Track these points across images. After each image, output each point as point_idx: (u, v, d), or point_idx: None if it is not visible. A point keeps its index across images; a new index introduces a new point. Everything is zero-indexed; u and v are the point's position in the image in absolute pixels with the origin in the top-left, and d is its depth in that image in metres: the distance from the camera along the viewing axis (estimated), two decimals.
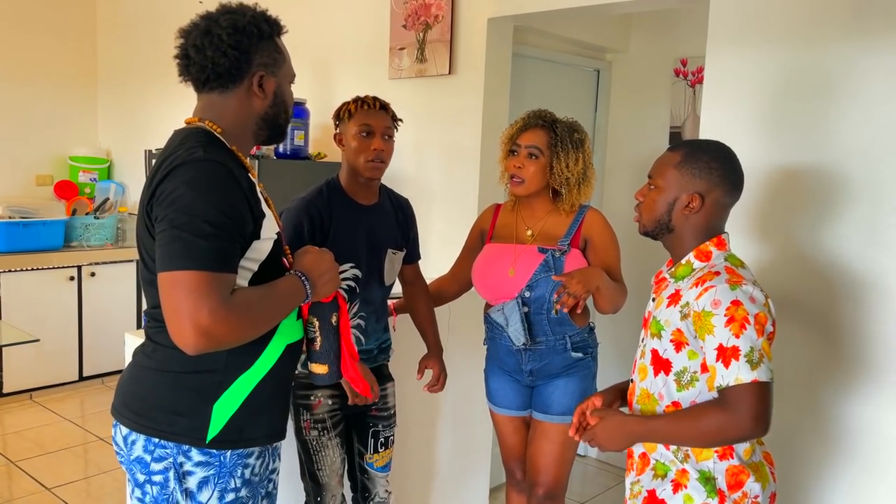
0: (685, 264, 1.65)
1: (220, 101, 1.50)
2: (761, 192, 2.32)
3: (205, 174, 1.36)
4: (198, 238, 1.30)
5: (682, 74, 3.82)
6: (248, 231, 1.40)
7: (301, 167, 3.54)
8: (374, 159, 2.04)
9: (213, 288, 1.29)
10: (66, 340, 4.57)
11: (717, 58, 2.40)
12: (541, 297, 2.15)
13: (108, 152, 5.32)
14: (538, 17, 3.03)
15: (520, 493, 2.39)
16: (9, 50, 4.90)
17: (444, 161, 3.28)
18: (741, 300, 1.49)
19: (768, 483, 1.60)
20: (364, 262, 2.10)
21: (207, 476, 1.45)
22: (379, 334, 2.21)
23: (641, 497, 1.65)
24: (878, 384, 2.12)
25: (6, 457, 3.65)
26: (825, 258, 2.21)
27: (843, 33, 2.15)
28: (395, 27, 3.38)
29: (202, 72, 1.47)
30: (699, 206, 1.61)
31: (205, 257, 1.30)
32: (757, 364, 1.46)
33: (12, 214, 4.47)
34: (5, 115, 4.92)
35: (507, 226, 2.28)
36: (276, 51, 1.52)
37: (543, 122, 2.18)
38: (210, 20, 1.48)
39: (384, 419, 2.23)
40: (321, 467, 2.11)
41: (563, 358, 2.20)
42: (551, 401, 2.21)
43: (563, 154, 2.14)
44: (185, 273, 1.29)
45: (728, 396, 1.47)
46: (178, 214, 1.32)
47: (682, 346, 1.58)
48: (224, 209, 1.34)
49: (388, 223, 2.18)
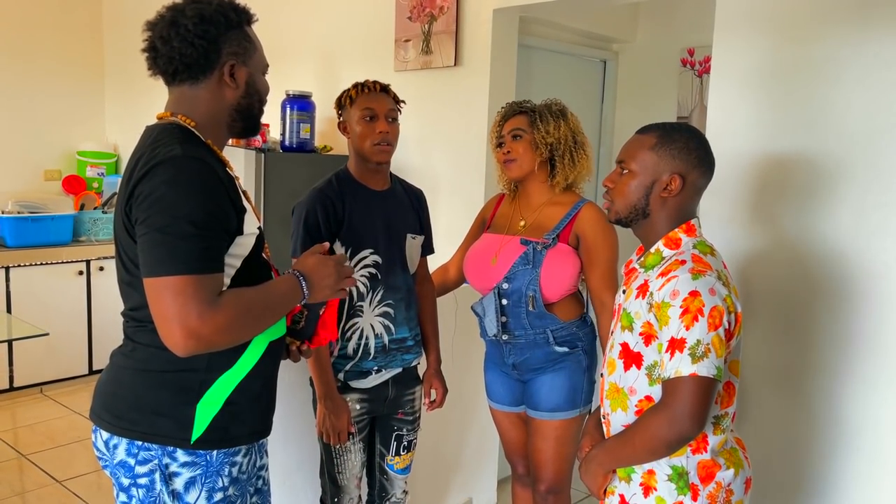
0: (654, 253, 1.60)
1: (191, 93, 1.47)
2: (771, 181, 2.31)
3: (185, 172, 1.33)
4: (182, 240, 1.29)
5: (690, 64, 3.80)
6: (232, 227, 1.39)
7: (307, 160, 3.54)
8: (381, 142, 2.00)
9: (199, 290, 1.28)
10: (76, 334, 4.60)
11: (725, 47, 2.39)
12: (518, 290, 2.11)
13: (116, 147, 5.34)
14: (544, 8, 3.01)
15: (523, 486, 2.39)
16: (16, 46, 4.91)
17: (449, 153, 3.27)
18: (700, 291, 1.45)
19: (742, 468, 1.57)
20: (383, 248, 2.05)
21: (194, 476, 1.43)
22: (411, 323, 2.13)
23: (614, 499, 1.62)
24: (878, 372, 2.12)
25: (17, 450, 3.68)
26: (839, 246, 2.20)
27: (851, 21, 2.14)
28: (401, 19, 3.38)
29: (170, 63, 1.44)
30: (679, 188, 1.56)
31: (189, 260, 1.29)
32: (700, 358, 1.42)
33: (21, 209, 4.48)
34: (14, 111, 4.94)
35: (505, 216, 2.27)
36: (245, 40, 1.48)
37: (521, 108, 2.20)
38: (176, 11, 1.44)
39: (409, 423, 2.19)
40: (342, 470, 2.08)
41: (546, 352, 2.14)
42: (539, 397, 2.16)
43: (541, 124, 2.13)
44: (171, 278, 1.28)
45: (665, 389, 1.45)
46: (160, 216, 1.30)
47: (652, 340, 1.53)
48: (208, 207, 1.32)
49: (404, 208, 2.14)
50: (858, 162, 2.14)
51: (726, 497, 1.53)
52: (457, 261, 2.43)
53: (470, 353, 2.75)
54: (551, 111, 2.16)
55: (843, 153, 2.17)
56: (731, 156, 2.37)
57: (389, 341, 2.06)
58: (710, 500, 1.52)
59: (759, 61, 2.32)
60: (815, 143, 2.22)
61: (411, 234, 2.13)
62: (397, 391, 2.12)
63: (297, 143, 3.55)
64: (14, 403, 4.32)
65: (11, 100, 4.92)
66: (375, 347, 2.04)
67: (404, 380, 2.14)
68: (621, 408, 1.61)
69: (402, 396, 2.14)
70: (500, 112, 2.25)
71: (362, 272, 2.02)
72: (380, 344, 2.05)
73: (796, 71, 2.25)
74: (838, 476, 2.22)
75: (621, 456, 1.58)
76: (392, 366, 2.08)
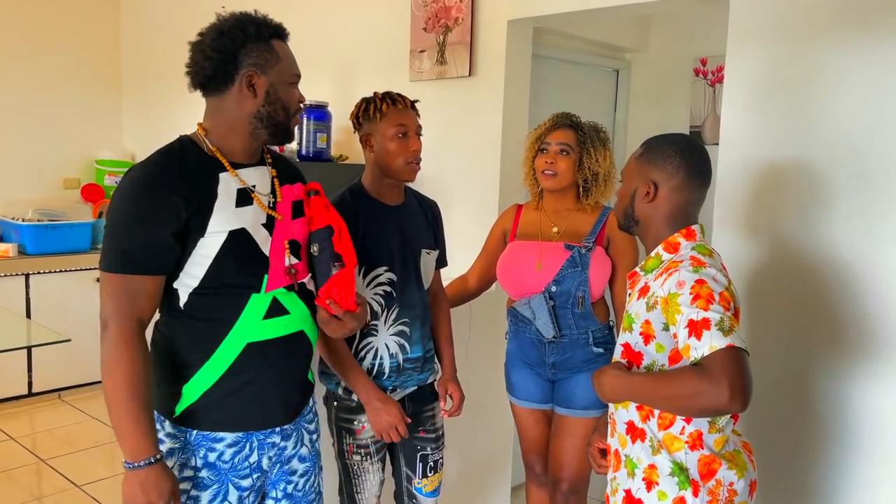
0: (654, 257, 1.66)
1: (217, 104, 1.58)
2: (785, 189, 2.32)
3: (130, 178, 1.50)
4: (110, 238, 1.49)
5: (702, 74, 3.82)
6: (168, 232, 1.47)
7: (323, 169, 3.58)
8: (414, 160, 1.96)
9: (115, 290, 1.48)
10: (94, 340, 4.57)
11: (737, 57, 2.41)
12: (567, 292, 2.20)
13: (133, 155, 5.40)
14: (557, 19, 3.04)
15: (539, 487, 2.42)
16: (36, 57, 4.99)
17: (464, 162, 3.30)
18: (705, 279, 1.50)
19: (746, 471, 1.59)
20: (398, 264, 2.00)
21: (173, 448, 1.57)
22: (425, 341, 2.09)
23: (620, 495, 1.66)
24: (884, 376, 2.13)
25: (36, 455, 3.73)
26: (850, 254, 2.21)
27: (864, 31, 2.15)
28: (416, 30, 3.42)
29: (195, 78, 1.57)
30: (654, 195, 1.64)
31: (107, 258, 1.48)
32: (729, 331, 1.42)
33: (41, 217, 4.55)
34: (33, 120, 5.02)
35: (532, 223, 2.33)
36: (267, 51, 1.56)
37: (570, 122, 2.28)
38: (204, 32, 1.57)
39: (432, 441, 2.13)
40: (360, 490, 2.05)
41: (585, 352, 2.23)
42: (574, 395, 2.24)
43: (592, 150, 2.23)
44: (102, 273, 1.50)
45: (704, 365, 1.42)
46: (107, 215, 1.52)
47: (650, 339, 1.59)
48: (131, 211, 1.47)
49: (418, 222, 2.09)
50: (872, 170, 2.15)
51: (729, 496, 1.55)
52: (476, 272, 2.47)
53: (482, 361, 2.77)
54: (599, 138, 2.27)
55: (856, 162, 2.18)
56: (745, 164, 2.39)
57: (404, 360, 2.03)
58: (712, 497, 1.54)
59: (772, 71, 2.34)
60: (828, 151, 2.23)
61: (426, 250, 2.09)
62: (414, 408, 2.07)
63: (314, 153, 3.59)
64: (33, 409, 4.38)
65: (31, 110, 5.00)
66: (390, 367, 2.00)
67: (421, 396, 2.10)
68: (623, 406, 1.66)
69: (422, 413, 2.10)
70: (547, 120, 2.31)
71: (377, 290, 1.97)
72: (394, 363, 2.01)
73: (809, 80, 2.26)
74: (844, 480, 2.23)
75: (638, 392, 1.56)
76: (407, 385, 2.05)
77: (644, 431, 1.61)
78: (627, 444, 1.65)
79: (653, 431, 1.59)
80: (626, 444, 1.65)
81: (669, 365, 1.56)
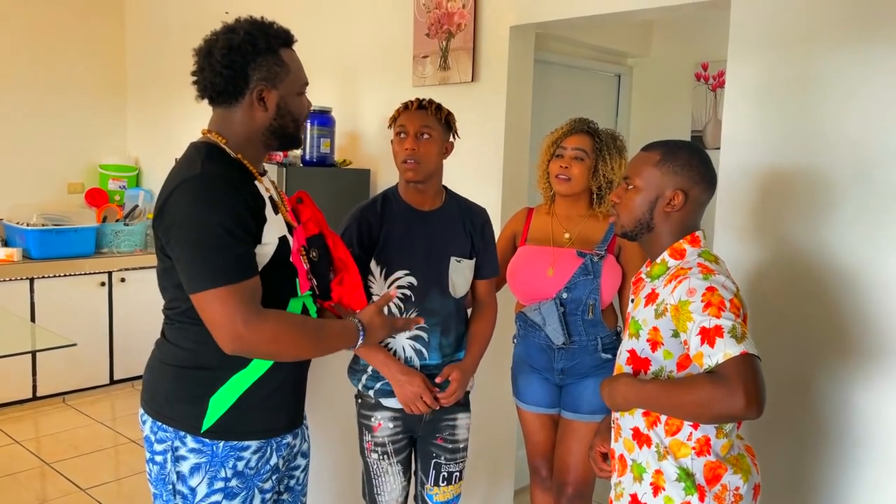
0: (660, 263, 1.66)
1: (226, 115, 1.57)
2: (787, 194, 2.34)
3: (204, 188, 1.44)
4: (214, 253, 1.40)
5: (704, 78, 3.83)
6: (255, 234, 1.47)
7: (327, 174, 3.60)
8: (406, 160, 1.96)
9: (239, 299, 1.40)
10: (98, 344, 4.67)
11: (739, 62, 2.42)
12: (578, 299, 2.21)
13: (137, 160, 5.43)
14: (560, 25, 3.06)
15: (545, 490, 2.43)
16: (40, 61, 5.02)
17: (467, 168, 3.31)
18: (715, 287, 1.50)
19: (750, 475, 1.60)
20: (421, 270, 2.00)
21: (199, 463, 1.54)
22: (446, 350, 2.05)
23: (625, 500, 1.66)
24: (884, 372, 2.14)
25: (41, 458, 3.74)
26: (853, 260, 2.22)
27: (864, 37, 2.17)
28: (419, 36, 3.44)
29: (205, 91, 1.55)
30: (682, 203, 1.62)
31: (222, 272, 1.40)
32: (742, 338, 1.43)
33: (45, 222, 4.57)
34: (38, 126, 5.04)
35: (543, 228, 2.34)
36: (276, 64, 1.54)
37: (588, 128, 2.27)
38: (211, 42, 1.54)
39: (448, 451, 2.09)
40: (380, 492, 2.06)
41: (594, 358, 2.24)
42: (581, 400, 2.25)
43: (608, 157, 2.23)
44: (211, 292, 1.40)
45: (719, 372, 1.42)
46: (189, 233, 1.42)
47: (658, 346, 1.59)
48: (231, 216, 1.42)
49: (451, 229, 2.06)
50: (874, 176, 2.16)
51: (734, 501, 1.56)
52: None
53: (487, 366, 2.77)
54: (616, 146, 2.26)
55: (859, 167, 2.19)
56: (746, 169, 2.40)
57: (420, 367, 2.01)
58: (717, 501, 1.56)
59: (773, 76, 2.35)
60: (830, 157, 2.25)
61: (456, 258, 2.05)
62: (435, 413, 2.05)
63: (318, 158, 3.61)
64: (37, 412, 4.39)
65: (36, 114, 5.03)
66: None
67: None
68: (629, 412, 1.66)
69: (441, 420, 2.08)
70: (565, 125, 2.30)
71: (396, 293, 1.99)
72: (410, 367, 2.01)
73: (810, 85, 2.28)
74: (848, 484, 2.24)
75: (652, 399, 1.56)
76: None
77: (650, 437, 1.62)
78: (634, 450, 1.65)
79: (659, 437, 1.60)
80: (633, 448, 1.66)
81: (678, 371, 1.57)
